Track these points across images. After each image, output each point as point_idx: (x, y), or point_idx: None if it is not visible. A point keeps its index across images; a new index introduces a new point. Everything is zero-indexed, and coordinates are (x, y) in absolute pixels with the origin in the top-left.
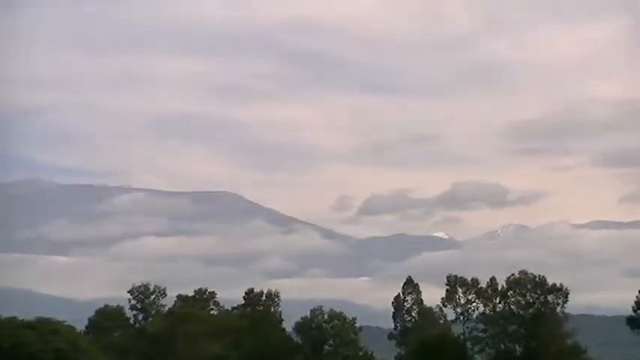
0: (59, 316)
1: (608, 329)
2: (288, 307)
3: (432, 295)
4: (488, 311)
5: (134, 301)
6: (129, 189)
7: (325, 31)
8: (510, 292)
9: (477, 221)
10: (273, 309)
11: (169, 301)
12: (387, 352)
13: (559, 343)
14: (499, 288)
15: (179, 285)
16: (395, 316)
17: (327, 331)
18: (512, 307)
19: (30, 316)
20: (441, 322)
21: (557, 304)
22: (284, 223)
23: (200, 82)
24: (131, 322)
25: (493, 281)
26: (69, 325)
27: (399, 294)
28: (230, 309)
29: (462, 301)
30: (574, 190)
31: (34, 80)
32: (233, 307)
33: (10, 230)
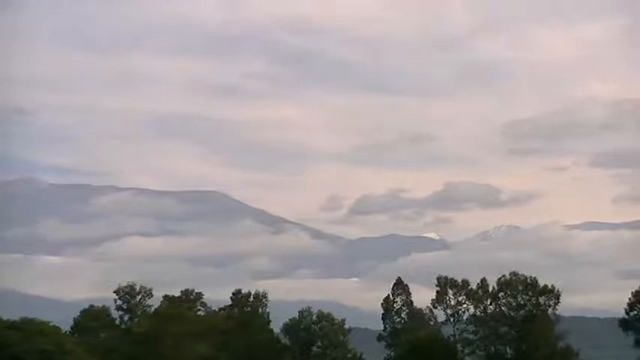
0: (44, 317)
1: (600, 331)
2: (276, 308)
3: (422, 297)
4: (478, 313)
5: (120, 302)
6: (116, 188)
7: (320, 31)
8: (501, 293)
9: (469, 222)
10: (260, 310)
11: (156, 302)
12: (376, 354)
13: (550, 345)
14: (490, 289)
15: (165, 285)
16: (384, 318)
17: (316, 333)
18: (503, 308)
19: (14, 317)
20: (431, 323)
21: (549, 305)
22: (272, 223)
23: (192, 82)
24: (117, 322)
25: (484, 282)
26: (54, 326)
27: (388, 295)
28: (217, 310)
29: (452, 303)
30: (567, 191)
31: (28, 79)
32: (220, 308)
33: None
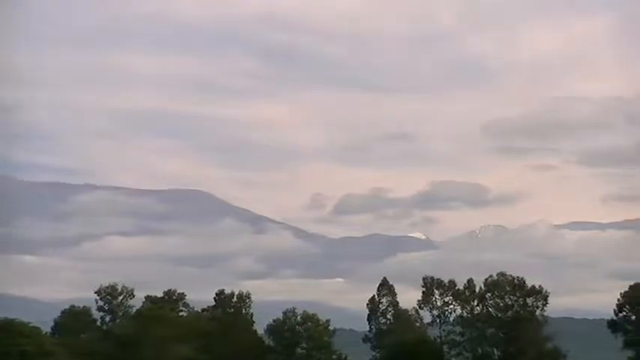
0: (23, 317)
1: (588, 333)
2: (259, 309)
3: (408, 297)
4: (465, 314)
5: (101, 302)
6: (95, 187)
7: (302, 28)
8: (488, 294)
9: (455, 221)
10: (244, 311)
11: (137, 303)
12: (361, 356)
13: (538, 346)
14: (477, 290)
15: (147, 286)
16: (370, 319)
17: (300, 334)
18: (490, 309)
19: None
20: (417, 324)
21: (537, 306)
22: (255, 222)
23: (173, 79)
24: (98, 323)
25: (471, 283)
26: (34, 327)
27: (374, 296)
28: (200, 311)
29: (438, 304)
30: (555, 190)
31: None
32: (203, 309)
33: None
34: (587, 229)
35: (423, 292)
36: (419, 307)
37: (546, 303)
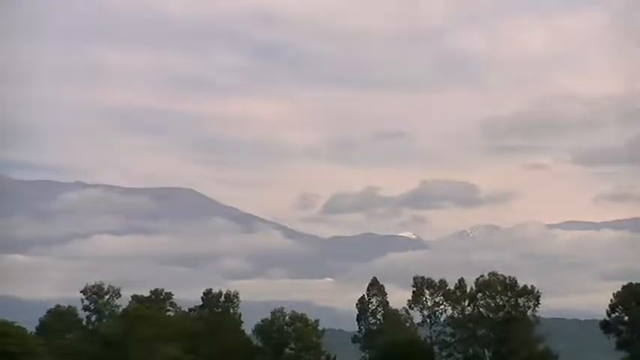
0: (8, 317)
1: (580, 334)
2: (247, 309)
3: (398, 297)
4: (456, 314)
5: (87, 302)
6: (83, 185)
7: (291, 23)
8: (480, 294)
9: (446, 221)
10: (232, 311)
11: (124, 302)
12: (350, 356)
13: (530, 347)
14: (468, 290)
15: (134, 285)
16: (359, 319)
17: (289, 334)
18: (481, 310)
19: None
20: (408, 325)
21: (528, 307)
22: (244, 221)
23: (161, 76)
24: (84, 323)
25: (462, 283)
26: (19, 327)
27: (363, 296)
28: (187, 310)
29: (429, 304)
30: (548, 189)
31: None
32: (190, 309)
33: None
34: (580, 228)
35: (413, 292)
36: (409, 307)
37: (538, 303)
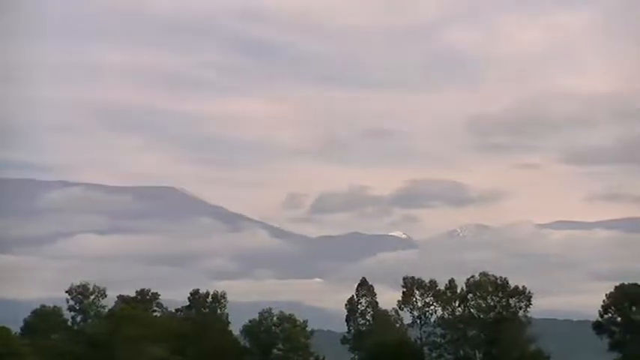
0: None
1: (572, 334)
2: (235, 310)
3: (388, 298)
4: (446, 315)
5: (72, 302)
6: (66, 183)
7: (279, 22)
8: (470, 295)
9: (436, 220)
10: (219, 311)
11: (109, 302)
12: (340, 357)
13: (521, 348)
14: (458, 290)
15: (120, 285)
16: (348, 320)
17: (277, 335)
18: (472, 310)
19: None
20: (397, 326)
21: (520, 307)
22: (231, 220)
23: (147, 73)
24: (69, 323)
25: (452, 283)
26: (3, 327)
27: (352, 296)
28: (174, 311)
29: (419, 304)
30: (538, 189)
31: None
32: (177, 309)
33: None
34: (572, 228)
35: (403, 293)
36: (399, 308)
37: (529, 304)
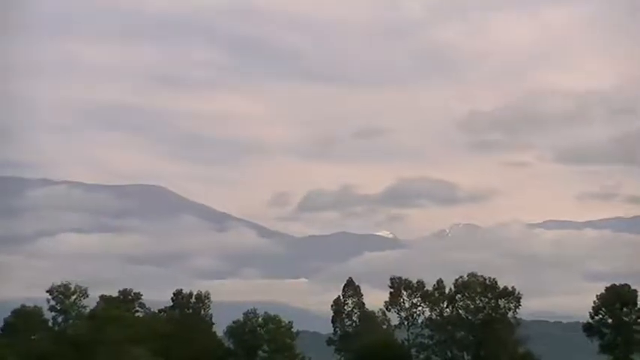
0: None
1: (563, 336)
2: (219, 310)
3: (375, 299)
4: (434, 316)
5: (53, 302)
6: (49, 181)
7: (267, 17)
8: (459, 295)
9: (424, 220)
10: (203, 311)
11: (91, 302)
12: (325, 359)
13: (510, 350)
14: (447, 291)
15: (102, 285)
16: (334, 321)
17: (262, 336)
18: (460, 311)
19: None
20: (384, 327)
21: (509, 309)
22: (216, 219)
23: (130, 70)
24: (50, 324)
25: (440, 284)
26: None
27: (339, 297)
28: (157, 311)
29: (406, 305)
30: (529, 188)
31: None
32: (160, 310)
33: None
34: (563, 228)
35: (390, 293)
36: (386, 309)
37: (519, 305)
